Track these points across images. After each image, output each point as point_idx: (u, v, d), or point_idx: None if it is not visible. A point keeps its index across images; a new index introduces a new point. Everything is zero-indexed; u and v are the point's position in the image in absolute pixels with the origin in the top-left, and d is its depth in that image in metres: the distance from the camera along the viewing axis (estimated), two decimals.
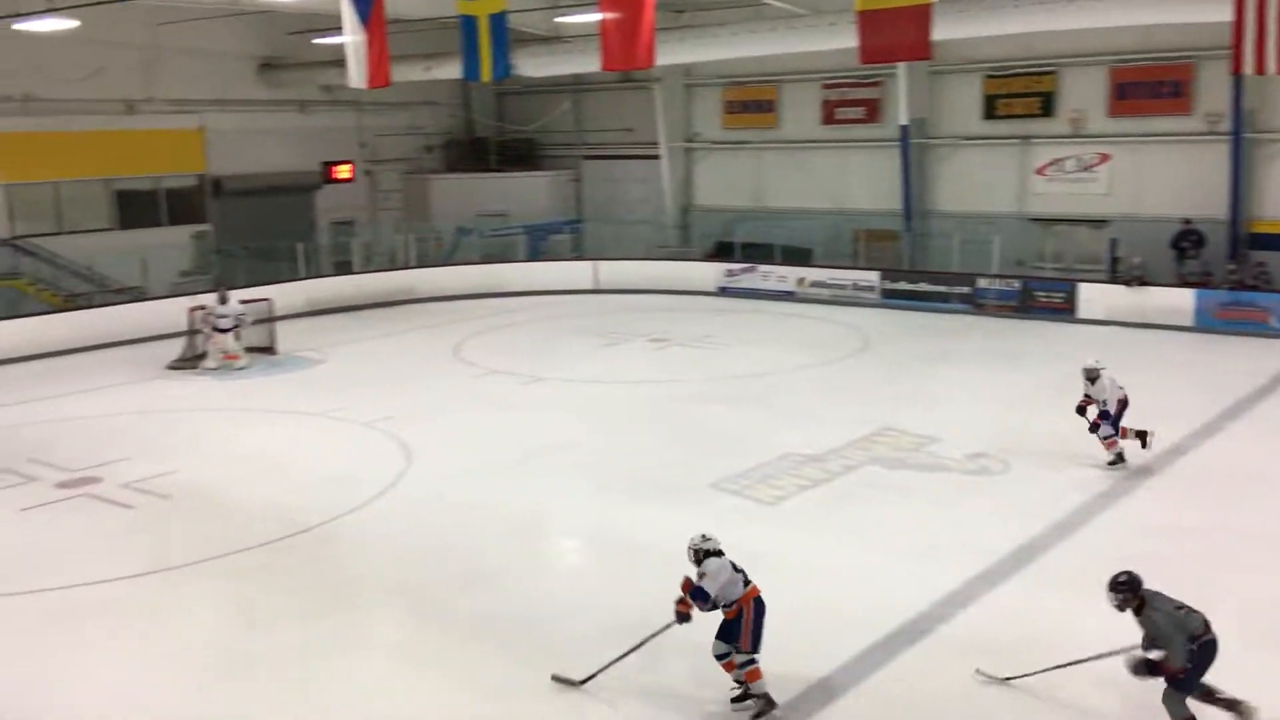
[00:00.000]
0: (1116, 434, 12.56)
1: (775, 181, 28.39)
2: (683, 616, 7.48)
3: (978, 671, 7.98)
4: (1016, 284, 23.03)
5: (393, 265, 27.59)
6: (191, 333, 19.69)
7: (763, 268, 26.01)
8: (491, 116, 32.60)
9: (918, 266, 25.12)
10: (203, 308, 19.60)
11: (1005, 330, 21.68)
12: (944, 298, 23.72)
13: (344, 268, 27.04)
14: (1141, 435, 12.55)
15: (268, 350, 20.36)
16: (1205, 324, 20.74)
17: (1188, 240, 22.14)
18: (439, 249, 28.81)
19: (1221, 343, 19.84)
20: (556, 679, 7.94)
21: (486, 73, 18.38)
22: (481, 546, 10.87)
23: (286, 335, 20.94)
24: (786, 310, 24.35)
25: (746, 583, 7.48)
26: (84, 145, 24.53)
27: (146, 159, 25.80)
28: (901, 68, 24.57)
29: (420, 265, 27.33)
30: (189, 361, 19.43)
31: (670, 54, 21.61)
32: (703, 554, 7.48)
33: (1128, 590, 7.03)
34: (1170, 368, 17.96)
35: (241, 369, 19.02)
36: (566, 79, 28.92)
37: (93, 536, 11.38)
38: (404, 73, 23.77)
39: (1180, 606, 7.02)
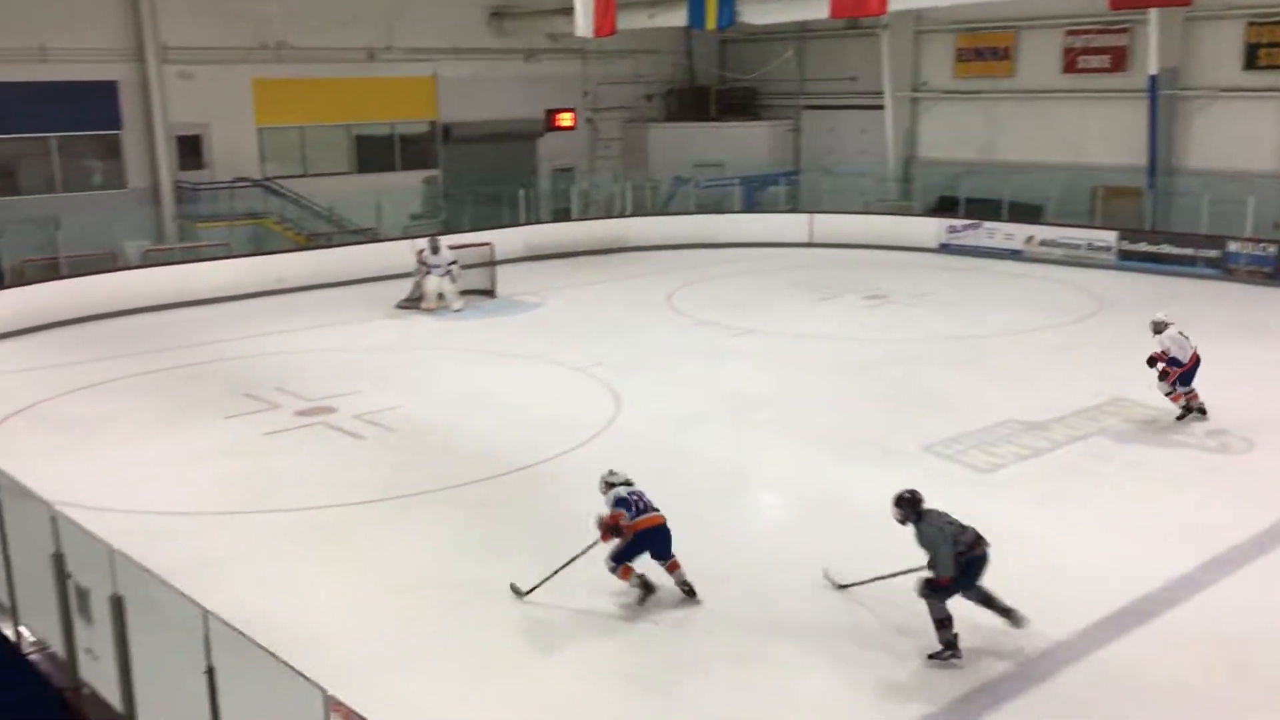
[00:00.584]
0: (1185, 389, 12.66)
1: (1007, 133, 27.07)
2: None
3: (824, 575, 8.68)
4: (1272, 249, 21.21)
5: (609, 213, 28.00)
6: (417, 274, 20.58)
7: (988, 224, 24.93)
8: (713, 65, 32.41)
9: (1160, 227, 23.48)
10: (428, 250, 20.41)
11: (1257, 299, 20.03)
12: (1189, 260, 22.12)
13: (562, 214, 27.65)
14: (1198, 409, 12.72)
15: (487, 293, 21.09)
16: None
17: None
18: (655, 198, 29.03)
19: None
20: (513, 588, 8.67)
21: (711, 20, 18.26)
22: (688, 494, 10.91)
23: (505, 279, 21.60)
24: (1013, 270, 23.28)
25: (642, 512, 8.65)
26: (329, 92, 25.94)
27: (384, 106, 27.05)
28: (1153, 13, 22.90)
29: (636, 214, 27.62)
30: (414, 301, 20.35)
31: (900, 0, 20.84)
32: (605, 485, 8.84)
33: (908, 506, 7.79)
34: None
35: (457, 311, 19.72)
36: (790, 26, 28.38)
37: (328, 462, 12.14)
38: (629, 20, 23.90)
39: (953, 523, 7.71)
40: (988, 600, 7.80)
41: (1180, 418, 12.76)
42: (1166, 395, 12.80)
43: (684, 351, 16.96)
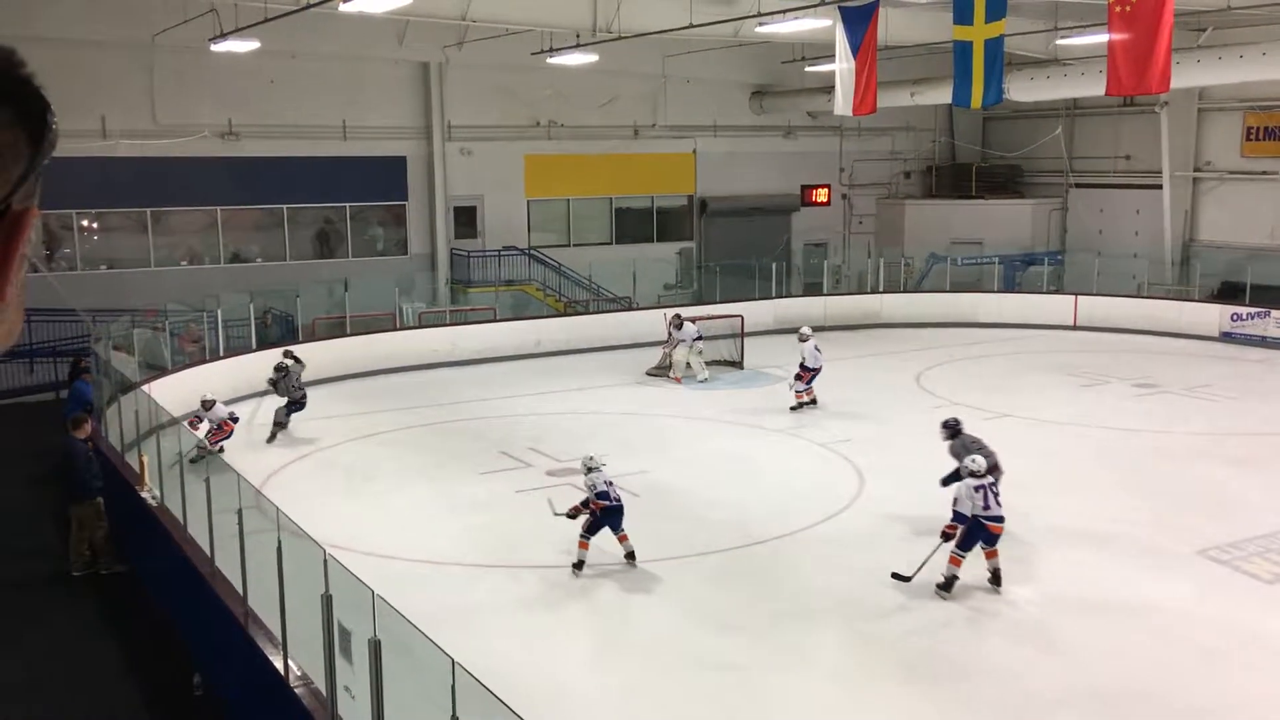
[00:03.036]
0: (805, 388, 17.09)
1: None
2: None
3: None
4: None
5: (860, 289, 27.73)
6: (668, 344, 21.00)
7: (1278, 313, 22.98)
8: (974, 142, 31.71)
9: None
10: (680, 320, 20.80)
11: None
12: None
13: (813, 289, 27.59)
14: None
15: (735, 364, 21.26)
16: None
17: None
18: (909, 275, 28.51)
19: None
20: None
21: (978, 99, 17.81)
22: (928, 581, 10.57)
23: (753, 351, 21.71)
24: None
25: (601, 497, 10.67)
26: (594, 167, 27.16)
27: (645, 180, 28.03)
28: None
29: (888, 290, 27.21)
30: (663, 369, 20.77)
31: (1185, 77, 19.73)
32: (585, 469, 10.92)
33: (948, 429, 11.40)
34: None
35: (703, 381, 19.95)
36: (1059, 103, 27.45)
37: (569, 522, 12.48)
38: (889, 99, 23.77)
39: (976, 442, 10.62)
40: None
41: (794, 409, 17.28)
42: (794, 391, 17.37)
43: (932, 433, 16.38)
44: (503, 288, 25.34)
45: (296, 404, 16.28)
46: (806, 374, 17.45)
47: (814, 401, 17.66)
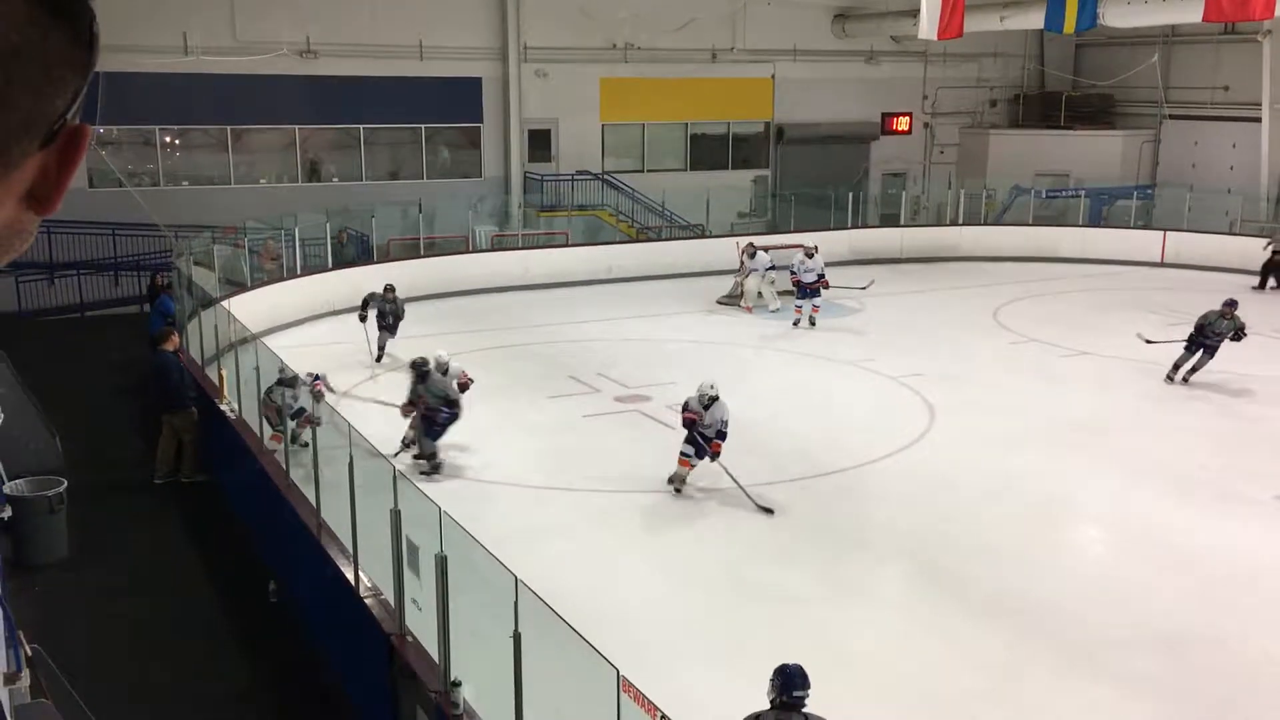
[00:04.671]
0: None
1: None
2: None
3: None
4: None
5: (939, 221, 27.15)
6: (740, 272, 20.83)
7: None
8: (1066, 70, 30.60)
9: None
10: (753, 249, 20.61)
11: None
12: None
13: (891, 220, 27.09)
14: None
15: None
16: None
17: None
18: (991, 208, 27.83)
19: None
20: None
21: (1071, 23, 17.21)
22: (996, 518, 10.48)
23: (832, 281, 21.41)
24: None
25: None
26: (670, 91, 26.77)
27: (721, 106, 27.60)
28: None
29: (968, 223, 26.59)
30: (734, 298, 20.63)
31: None
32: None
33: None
34: None
35: (774, 311, 19.79)
36: (1156, 30, 26.31)
37: (641, 448, 12.57)
38: (977, 23, 23.05)
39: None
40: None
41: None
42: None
43: (1007, 369, 16.17)
44: (576, 213, 25.28)
45: (390, 328, 16.57)
46: (806, 288, 18.20)
47: (806, 320, 18.41)
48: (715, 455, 10.62)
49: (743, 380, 15.46)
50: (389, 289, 16.50)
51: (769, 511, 10.38)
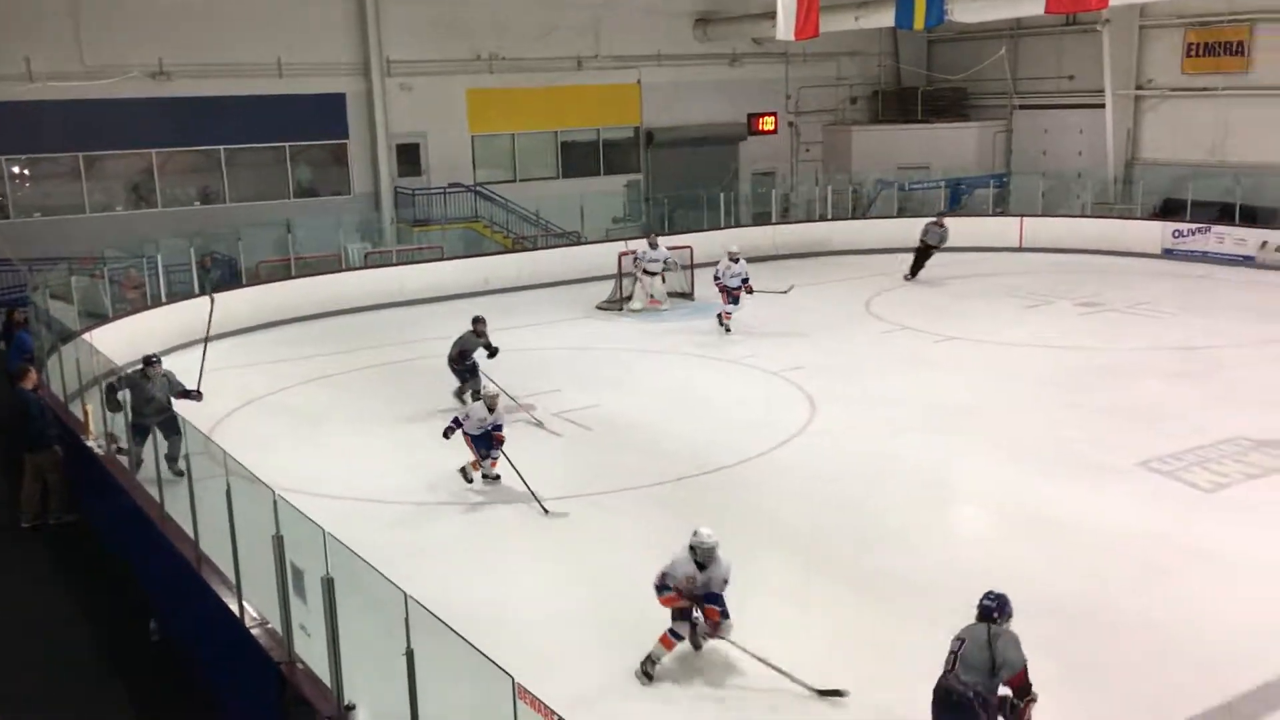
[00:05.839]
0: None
1: (1239, 133, 25.25)
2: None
3: None
4: None
5: (809, 217, 27.74)
6: (619, 276, 20.97)
7: (1217, 229, 23.35)
8: (920, 65, 31.63)
9: None
10: (632, 252, 20.82)
11: None
12: None
13: (762, 218, 27.57)
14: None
15: (686, 296, 21.27)
16: None
17: None
18: (857, 202, 28.56)
19: None
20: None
21: (920, 20, 17.80)
22: (880, 503, 10.76)
23: (703, 282, 21.70)
24: (1244, 277, 21.73)
25: None
26: (537, 100, 26.78)
27: (589, 112, 27.71)
28: None
29: (837, 218, 27.25)
30: (615, 303, 20.75)
31: None
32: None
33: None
34: None
35: (664, 312, 20.05)
36: (1003, 24, 27.39)
37: (528, 459, 12.48)
38: (832, 23, 23.62)
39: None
40: None
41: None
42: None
43: (883, 358, 16.63)
44: (450, 225, 25.05)
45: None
46: (730, 293, 18.18)
47: (726, 326, 18.33)
48: (713, 626, 7.82)
49: (625, 383, 15.56)
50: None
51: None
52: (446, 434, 11.35)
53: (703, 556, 7.62)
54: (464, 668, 5.03)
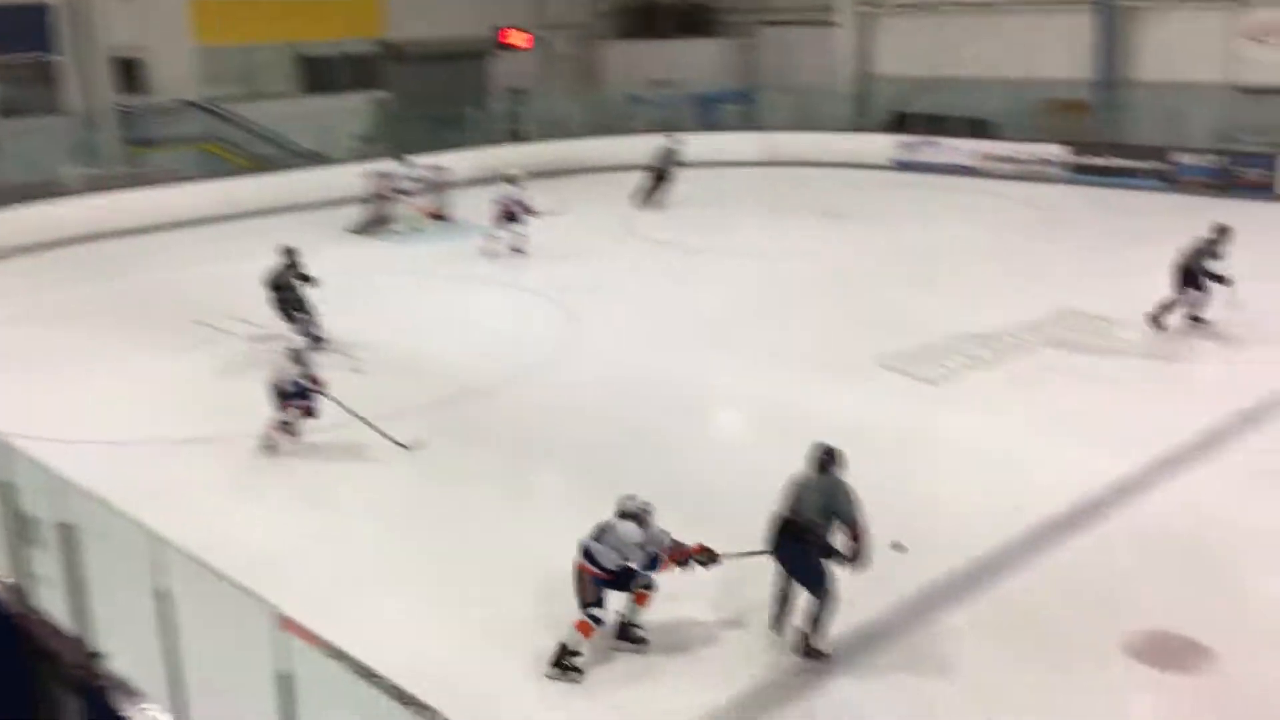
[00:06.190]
0: None
1: (961, 48, 26.82)
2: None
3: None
4: (1217, 159, 21.42)
5: (564, 134, 27.62)
6: (371, 199, 20.31)
7: (941, 141, 24.94)
8: None
9: (1109, 140, 23.61)
10: (385, 174, 20.16)
11: (1203, 209, 20.19)
12: (1136, 174, 22.31)
13: (517, 136, 27.24)
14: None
15: (442, 218, 20.87)
16: None
17: None
18: (611, 118, 28.65)
19: None
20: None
21: None
22: (648, 415, 11.04)
23: (461, 202, 21.38)
24: (965, 185, 23.37)
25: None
26: (270, 7, 25.18)
27: (328, 22, 26.33)
28: None
29: (592, 135, 27.26)
30: (369, 226, 20.11)
31: None
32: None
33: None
34: None
35: (422, 233, 19.61)
36: None
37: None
38: None
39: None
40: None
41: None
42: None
43: (642, 272, 16.95)
44: (182, 147, 23.41)
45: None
46: (509, 216, 17.61)
47: (509, 247, 17.73)
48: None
49: (386, 308, 15.18)
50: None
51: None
52: (309, 407, 10.09)
53: (639, 508, 7.02)
54: (223, 605, 4.88)
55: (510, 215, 17.84)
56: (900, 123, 26.54)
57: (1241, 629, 6.96)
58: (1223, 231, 12.84)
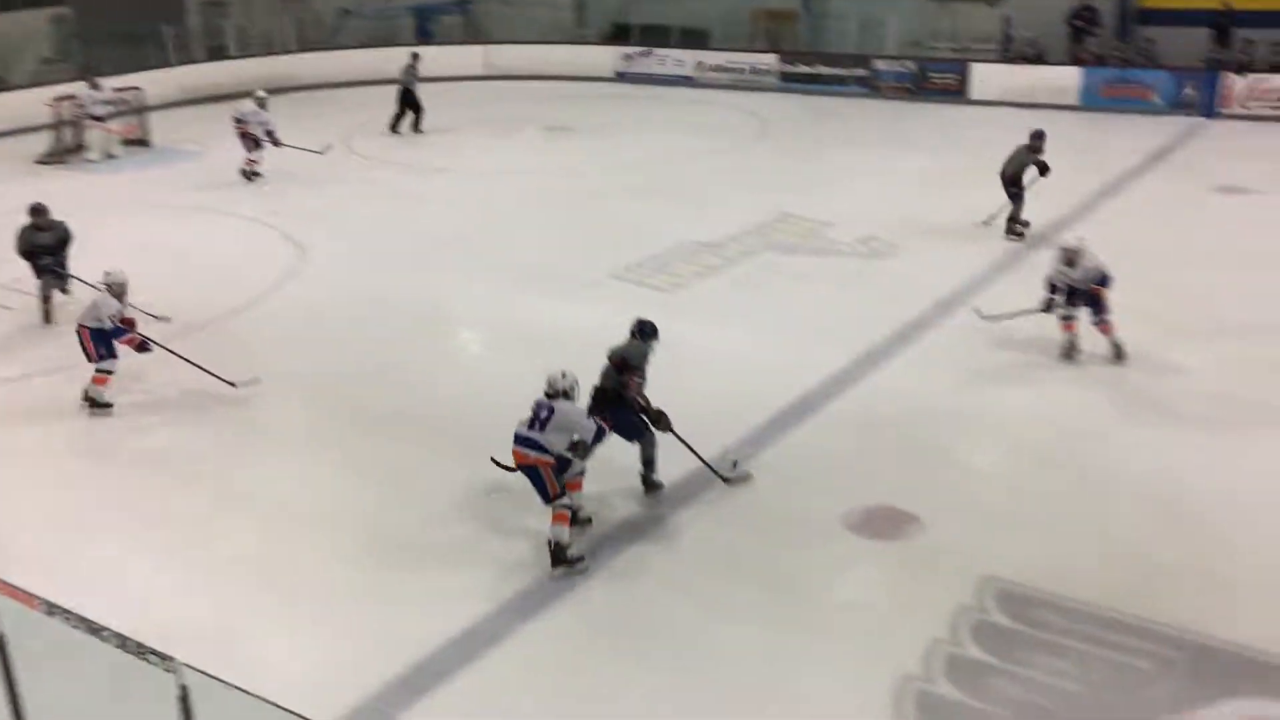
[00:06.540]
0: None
1: None
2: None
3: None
4: (911, 65, 22.97)
5: (271, 50, 26.14)
6: (59, 125, 18.65)
7: (659, 51, 25.39)
8: None
9: (815, 48, 24.80)
10: (72, 98, 18.53)
11: (900, 113, 21.76)
12: (841, 81, 23.59)
13: (218, 53, 25.54)
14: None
15: (141, 143, 19.46)
16: (1091, 102, 21.10)
17: (1081, 18, 22.21)
18: (321, 31, 27.34)
19: (1106, 120, 20.27)
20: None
21: None
22: (381, 341, 10.88)
23: (160, 126, 19.99)
24: (685, 96, 23.98)
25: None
26: None
27: None
28: None
29: (301, 50, 25.97)
30: (59, 155, 18.49)
31: None
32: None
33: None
34: (1055, 147, 18.27)
35: (119, 160, 18.24)
36: None
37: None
38: None
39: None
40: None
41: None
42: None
43: (367, 195, 16.48)
44: None
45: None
46: (253, 141, 16.65)
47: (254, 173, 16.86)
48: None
49: (89, 243, 14.03)
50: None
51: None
52: (141, 347, 9.28)
53: (569, 386, 7.02)
54: None
55: (250, 138, 16.76)
56: (621, 34, 26.78)
57: (941, 498, 7.77)
58: (1040, 136, 13.28)
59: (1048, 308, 9.86)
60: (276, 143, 16.76)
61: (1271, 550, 7.08)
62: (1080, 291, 9.72)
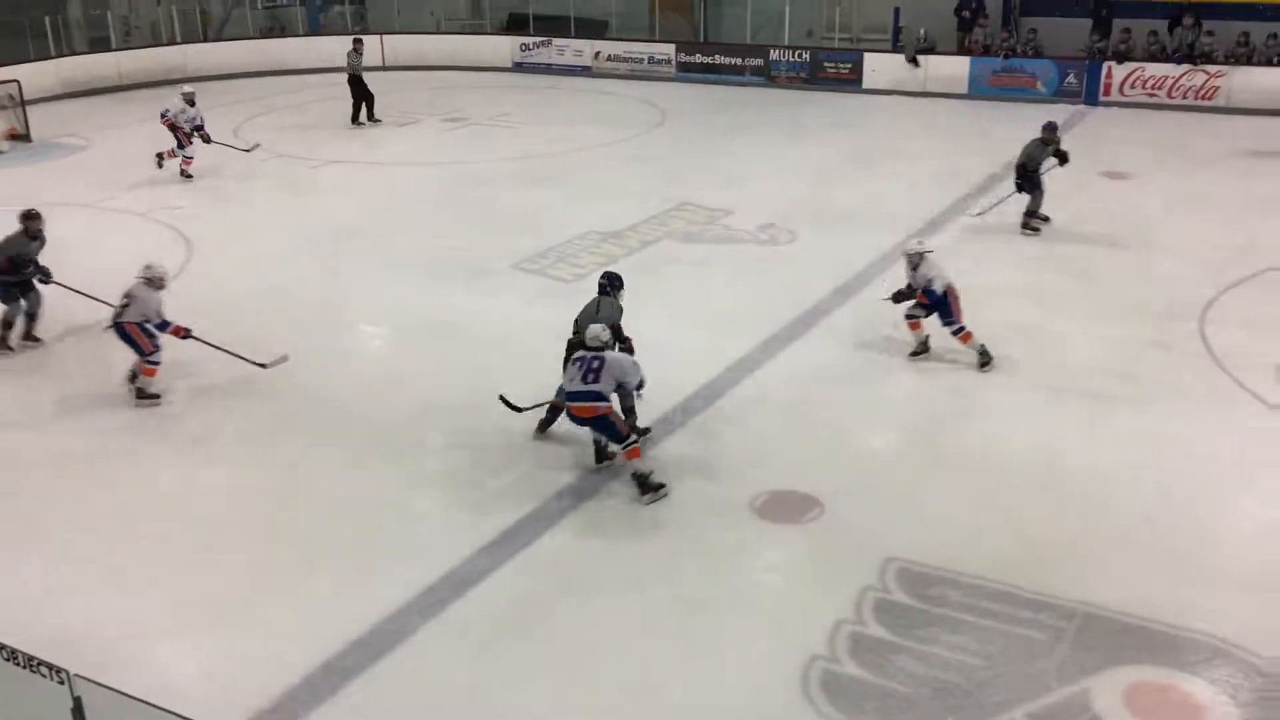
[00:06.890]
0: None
1: None
2: None
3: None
4: (806, 55, 23.29)
5: (157, 41, 25.39)
6: None
7: (558, 41, 25.31)
8: None
9: (713, 39, 24.97)
10: None
11: (796, 102, 22.04)
12: (738, 70, 23.81)
13: (101, 44, 24.70)
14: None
15: (20, 137, 18.72)
16: (979, 91, 21.67)
17: (968, 8, 22.76)
18: (208, 22, 26.62)
19: (993, 109, 20.83)
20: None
21: None
22: (280, 334, 10.63)
23: (40, 120, 19.25)
24: (583, 86, 23.94)
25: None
26: None
27: None
28: None
29: (188, 40, 25.26)
30: None
31: None
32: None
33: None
34: (945, 135, 18.76)
35: (3, 154, 17.54)
36: None
37: None
38: None
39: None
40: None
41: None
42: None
43: (261, 188, 16.11)
44: None
45: None
46: (185, 136, 16.11)
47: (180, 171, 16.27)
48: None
49: None
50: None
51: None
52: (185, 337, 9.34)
53: (607, 340, 7.76)
54: None
55: (182, 134, 16.17)
56: (518, 24, 26.61)
57: (842, 480, 7.92)
58: (1051, 127, 13.35)
59: (898, 299, 9.91)
60: (206, 139, 16.29)
61: (1132, 518, 7.37)
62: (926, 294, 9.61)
